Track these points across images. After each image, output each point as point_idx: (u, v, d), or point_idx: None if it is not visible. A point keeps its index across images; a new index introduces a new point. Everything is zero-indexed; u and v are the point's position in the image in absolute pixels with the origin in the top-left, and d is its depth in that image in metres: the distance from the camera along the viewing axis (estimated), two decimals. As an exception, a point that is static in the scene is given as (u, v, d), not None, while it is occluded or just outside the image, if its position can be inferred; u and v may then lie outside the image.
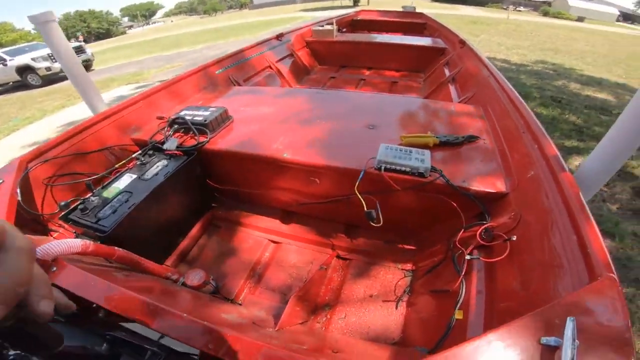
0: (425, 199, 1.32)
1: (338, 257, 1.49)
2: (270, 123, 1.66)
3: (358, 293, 1.36)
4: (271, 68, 3.05)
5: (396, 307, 1.29)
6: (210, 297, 1.35)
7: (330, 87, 3.25)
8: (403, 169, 1.23)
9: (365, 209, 1.26)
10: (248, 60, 2.85)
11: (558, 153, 1.10)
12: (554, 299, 0.75)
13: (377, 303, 1.31)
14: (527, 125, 1.32)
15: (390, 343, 1.20)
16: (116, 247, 1.00)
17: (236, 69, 2.65)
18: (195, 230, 1.65)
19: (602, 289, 0.65)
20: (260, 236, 1.64)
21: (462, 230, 1.17)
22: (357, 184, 1.23)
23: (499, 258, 0.98)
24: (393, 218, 1.42)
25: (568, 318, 0.58)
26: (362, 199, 1.24)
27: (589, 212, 0.85)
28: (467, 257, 1.06)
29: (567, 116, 4.29)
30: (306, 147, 1.44)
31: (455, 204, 1.22)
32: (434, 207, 1.35)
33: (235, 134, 1.59)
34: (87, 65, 10.81)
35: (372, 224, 1.26)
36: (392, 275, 1.38)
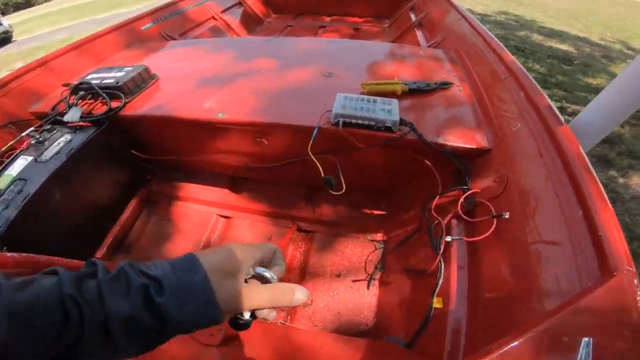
0: (394, 157, 1.11)
1: (299, 230, 1.28)
2: (206, 79, 1.36)
3: (324, 272, 1.17)
4: (215, 19, 2.64)
5: (368, 287, 1.11)
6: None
7: (285, 36, 2.90)
8: (366, 122, 1.00)
9: (323, 174, 1.04)
10: (185, 12, 2.41)
11: (550, 102, 0.91)
12: (552, 292, 0.59)
13: (346, 283, 1.13)
14: (509, 70, 1.11)
15: (362, 330, 1.04)
16: (9, 253, 0.73)
17: (170, 23, 2.23)
18: (128, 212, 1.38)
19: (620, 288, 0.48)
20: (207, 211, 1.40)
21: (439, 195, 0.99)
22: (310, 144, 1.00)
23: (483, 236, 0.79)
24: (359, 180, 1.21)
25: (583, 339, 0.45)
26: (318, 163, 1.02)
27: (595, 176, 0.65)
28: (448, 238, 0.87)
29: (531, 65, 4.25)
30: (248, 104, 1.16)
31: (429, 163, 1.02)
32: (404, 166, 1.14)
33: (161, 95, 1.28)
34: (6, 37, 10.24)
35: (332, 191, 1.05)
36: (361, 249, 1.20)
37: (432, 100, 1.16)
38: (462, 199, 0.89)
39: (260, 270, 0.42)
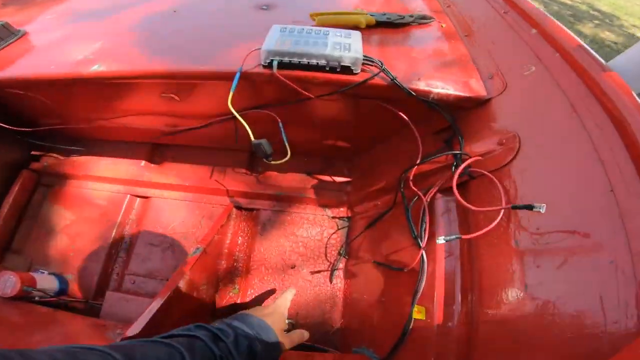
0: (358, 109, 0.80)
1: (238, 207, 0.99)
2: (90, 26, 0.92)
3: (274, 263, 0.91)
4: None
5: (330, 280, 0.88)
6: (49, 308, 0.84)
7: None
8: (313, 62, 0.66)
9: (253, 138, 0.73)
10: None
11: (579, 39, 0.60)
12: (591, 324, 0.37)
13: (303, 276, 0.89)
14: (509, 3, 0.78)
15: (326, 338, 0.83)
16: None
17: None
18: (9, 203, 1.01)
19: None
20: (117, 191, 1.06)
21: (419, 162, 0.71)
22: (230, 96, 0.66)
23: (486, 229, 0.54)
24: (312, 142, 0.92)
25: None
26: (245, 123, 0.70)
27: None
28: (440, 240, 0.60)
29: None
30: (144, 50, 0.78)
31: (405, 117, 0.72)
32: (372, 123, 0.84)
33: (28, 52, 0.85)
34: None
35: (267, 160, 0.75)
36: (320, 229, 0.94)
37: (408, 37, 0.82)
38: (457, 171, 0.61)
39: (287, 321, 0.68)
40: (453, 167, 0.65)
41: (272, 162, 0.77)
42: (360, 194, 0.92)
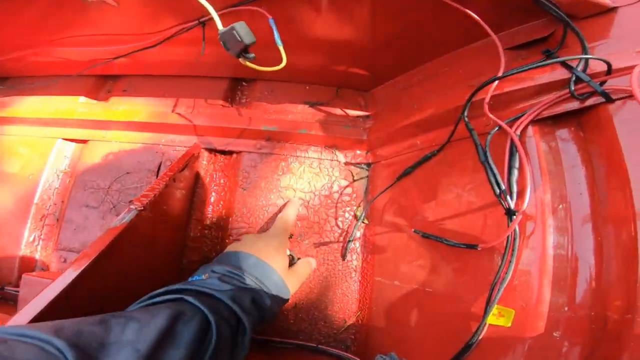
0: (389, 8, 0.50)
1: (210, 150, 0.69)
2: None
3: (263, 230, 0.63)
4: None
5: (343, 256, 0.60)
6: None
7: None
8: None
9: (221, 26, 0.42)
10: None
11: None
12: None
13: (304, 250, 0.61)
14: None
15: (331, 340, 0.57)
16: None
17: None
18: None
19: None
20: (44, 135, 0.77)
21: (502, 74, 0.42)
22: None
23: None
24: (317, 62, 0.63)
25: None
26: (211, 9, 0.39)
27: None
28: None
29: None
30: None
31: (477, 17, 0.42)
32: (412, 30, 0.55)
33: None
34: None
35: (246, 58, 0.45)
36: (329, 180, 0.64)
37: None
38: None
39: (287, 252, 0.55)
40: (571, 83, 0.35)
41: (260, 68, 0.47)
42: (387, 131, 0.61)
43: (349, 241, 0.60)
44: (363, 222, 0.61)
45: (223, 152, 0.69)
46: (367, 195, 0.63)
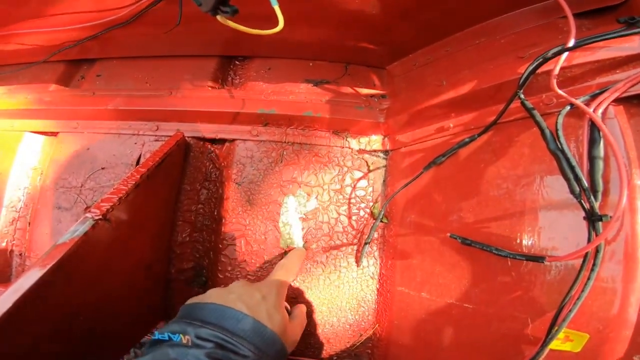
0: None
1: (198, 138, 0.58)
2: None
3: (262, 233, 0.53)
4: None
5: (358, 262, 0.51)
6: None
7: None
8: None
9: None
10: None
11: None
12: None
13: (312, 255, 0.52)
14: None
15: (349, 349, 0.48)
16: None
17: None
18: None
19: None
20: (9, 128, 0.67)
21: (571, 44, 0.31)
22: None
23: None
24: (321, 37, 0.53)
25: None
26: None
27: None
28: None
29: None
30: None
31: None
32: None
33: None
34: None
35: (225, 12, 0.34)
36: (339, 170, 0.53)
37: None
38: None
39: None
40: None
41: (245, 29, 0.36)
42: (409, 112, 0.50)
43: (365, 243, 0.50)
44: (381, 222, 0.51)
45: (213, 141, 0.58)
46: (386, 189, 0.52)
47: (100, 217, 0.36)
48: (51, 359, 0.35)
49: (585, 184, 0.31)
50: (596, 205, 0.30)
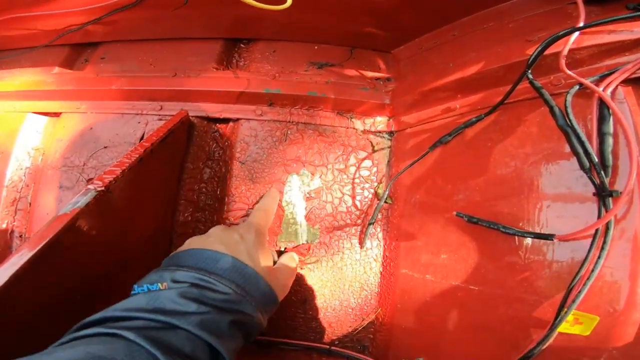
0: None
1: (204, 119, 0.58)
2: None
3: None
4: None
5: (362, 244, 0.50)
6: None
7: None
8: None
9: None
10: None
11: None
12: None
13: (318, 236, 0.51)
14: None
15: (352, 334, 0.48)
16: None
17: None
18: None
19: None
20: (12, 109, 0.67)
21: (582, 24, 0.31)
22: None
23: None
24: (325, 22, 0.52)
25: None
26: None
27: None
28: None
29: None
30: None
31: None
32: None
33: None
34: None
35: None
36: (343, 150, 0.53)
37: None
38: None
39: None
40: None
41: (257, 4, 0.36)
42: (415, 94, 0.50)
43: (369, 224, 0.49)
44: (386, 202, 0.50)
45: (218, 121, 0.58)
46: (390, 169, 0.52)
47: (103, 188, 0.35)
48: (51, 332, 0.35)
49: (595, 158, 0.30)
50: (606, 180, 0.30)
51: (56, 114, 0.65)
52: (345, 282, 0.51)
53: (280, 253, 0.50)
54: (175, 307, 0.29)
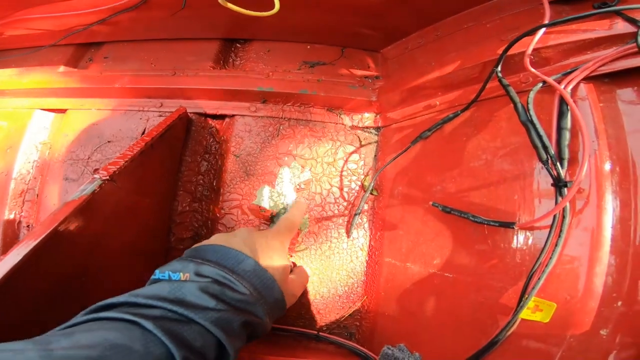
0: None
1: (202, 115, 0.61)
2: None
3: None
4: None
5: (349, 233, 0.53)
6: None
7: None
8: None
9: None
10: None
11: None
12: None
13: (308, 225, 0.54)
14: None
15: (338, 321, 0.51)
16: None
17: None
18: None
19: None
20: (20, 106, 0.70)
21: (548, 21, 0.34)
22: None
23: None
24: (316, 22, 0.56)
25: None
26: None
27: None
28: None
29: None
30: None
31: None
32: None
33: None
34: None
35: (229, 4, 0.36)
36: (332, 145, 0.56)
37: None
38: None
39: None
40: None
41: (240, 9, 0.39)
42: (400, 91, 0.53)
43: (356, 214, 0.52)
44: (371, 194, 0.53)
45: (214, 117, 0.61)
46: (376, 163, 0.55)
47: (108, 177, 0.39)
48: (53, 317, 0.38)
49: (553, 151, 0.33)
50: (562, 172, 0.32)
51: (62, 111, 0.68)
52: (332, 270, 0.54)
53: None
54: (195, 300, 0.31)
